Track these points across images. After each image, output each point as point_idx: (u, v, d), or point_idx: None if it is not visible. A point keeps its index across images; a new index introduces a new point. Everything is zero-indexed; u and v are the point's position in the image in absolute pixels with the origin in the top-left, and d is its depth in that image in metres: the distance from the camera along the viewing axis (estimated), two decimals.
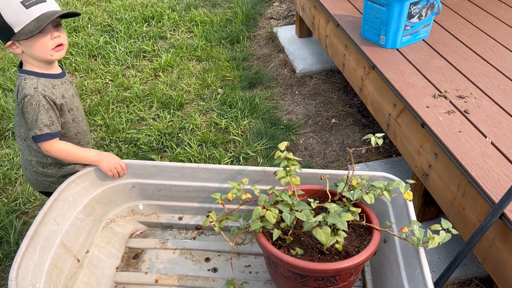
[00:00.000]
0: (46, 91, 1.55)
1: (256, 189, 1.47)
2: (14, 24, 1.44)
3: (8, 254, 2.23)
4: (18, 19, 1.44)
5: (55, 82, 1.61)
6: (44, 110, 1.54)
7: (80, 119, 1.72)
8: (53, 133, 1.57)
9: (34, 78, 1.56)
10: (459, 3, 3.08)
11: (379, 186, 1.40)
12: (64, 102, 1.62)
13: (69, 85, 1.68)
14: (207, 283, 1.62)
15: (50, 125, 1.56)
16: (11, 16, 1.43)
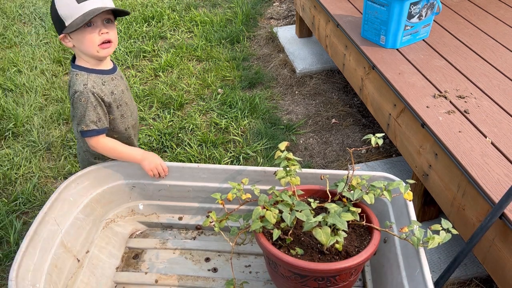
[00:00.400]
0: (95, 88, 1.58)
1: (256, 189, 1.47)
2: (66, 17, 1.48)
3: (8, 254, 2.23)
4: (70, 13, 1.47)
5: (105, 78, 1.63)
6: (92, 107, 1.57)
7: (128, 114, 1.74)
8: (99, 130, 1.61)
9: (84, 74, 1.58)
10: (459, 3, 3.08)
11: (379, 186, 1.40)
12: (112, 99, 1.64)
13: (119, 81, 1.70)
14: (207, 283, 1.62)
15: (97, 121, 1.59)
16: (63, 9, 1.47)
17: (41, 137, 3.03)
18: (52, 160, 2.86)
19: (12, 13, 4.67)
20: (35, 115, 3.23)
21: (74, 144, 2.95)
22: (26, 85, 3.53)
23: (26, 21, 4.57)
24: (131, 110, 1.77)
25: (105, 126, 1.63)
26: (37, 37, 4.25)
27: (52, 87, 3.54)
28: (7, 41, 4.17)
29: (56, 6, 1.48)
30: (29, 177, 2.71)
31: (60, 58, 3.89)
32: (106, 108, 1.63)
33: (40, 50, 4.03)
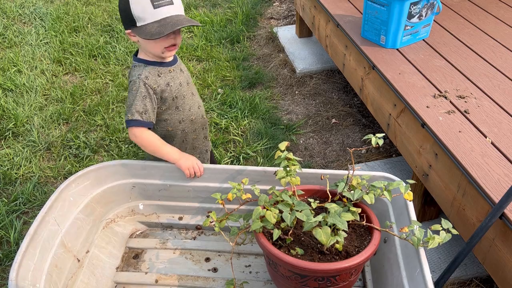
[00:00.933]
0: (149, 79, 1.59)
1: (256, 189, 1.47)
2: (138, 18, 1.49)
3: (8, 254, 2.23)
4: (143, 16, 1.48)
5: (162, 70, 1.64)
6: (141, 97, 1.58)
7: (186, 107, 1.74)
8: (142, 122, 1.59)
9: (142, 66, 1.61)
10: (459, 3, 3.08)
11: (379, 186, 1.40)
12: (168, 89, 1.65)
13: (178, 73, 1.71)
14: (207, 283, 1.62)
15: (142, 113, 1.59)
16: (137, 10, 1.48)
17: (41, 137, 3.03)
18: (52, 160, 2.87)
19: (12, 13, 4.67)
20: (35, 115, 3.23)
21: (74, 144, 2.96)
22: (26, 85, 3.53)
23: (26, 21, 4.57)
24: (190, 104, 1.76)
25: (150, 120, 1.62)
26: (37, 37, 4.25)
27: (52, 87, 3.54)
28: (7, 41, 4.17)
29: (130, 4, 1.48)
30: (29, 177, 2.71)
31: (60, 58, 3.89)
32: (159, 99, 1.64)
33: (40, 50, 4.03)
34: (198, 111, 1.82)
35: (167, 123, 1.73)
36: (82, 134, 3.03)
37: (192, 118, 1.79)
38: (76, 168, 2.74)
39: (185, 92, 1.73)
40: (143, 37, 1.50)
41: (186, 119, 1.77)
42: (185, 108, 1.74)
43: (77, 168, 2.74)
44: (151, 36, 1.48)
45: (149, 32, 1.49)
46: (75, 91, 3.45)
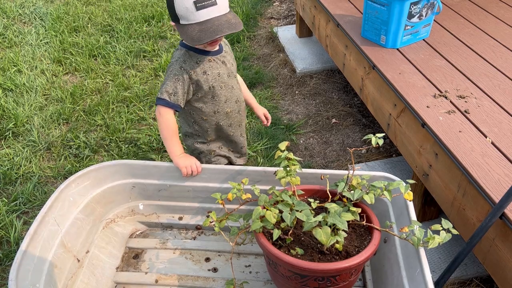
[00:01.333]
0: (186, 63, 1.64)
1: (256, 189, 1.47)
2: (181, 17, 1.52)
3: (8, 254, 2.23)
4: (186, 16, 1.51)
5: (201, 58, 1.67)
6: (174, 79, 1.63)
7: (222, 99, 1.75)
8: (169, 102, 1.64)
9: (183, 50, 1.66)
10: (459, 3, 3.08)
11: (379, 186, 1.40)
12: (204, 78, 1.67)
13: (218, 64, 1.71)
14: (207, 283, 1.62)
15: (171, 94, 1.63)
16: (181, 10, 1.50)
17: (41, 137, 3.03)
18: (52, 160, 2.86)
19: (12, 12, 4.67)
20: (35, 115, 3.23)
21: (74, 144, 2.96)
22: (26, 85, 3.53)
23: (26, 21, 4.57)
24: (227, 97, 1.77)
25: (178, 103, 1.65)
26: (37, 37, 4.25)
27: (52, 87, 3.54)
28: (7, 41, 4.17)
29: (175, 2, 1.50)
30: (29, 177, 2.71)
31: (60, 58, 3.89)
32: (195, 85, 1.67)
33: (40, 50, 4.03)
34: (235, 105, 1.82)
35: (202, 112, 1.76)
36: (82, 134, 3.03)
37: (227, 111, 1.80)
38: (76, 168, 2.74)
39: (223, 84, 1.74)
40: (184, 39, 1.55)
41: (221, 111, 1.78)
42: (220, 99, 1.75)
43: (77, 168, 2.74)
44: (191, 42, 1.53)
45: (189, 35, 1.52)
46: (75, 91, 3.44)
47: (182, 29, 1.54)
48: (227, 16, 1.54)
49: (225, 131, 1.85)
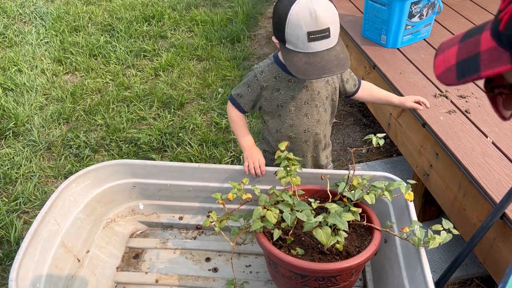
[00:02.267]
0: (262, 74, 1.62)
1: (256, 189, 1.47)
2: (289, 42, 1.42)
3: (9, 254, 2.23)
4: (295, 43, 1.40)
5: (282, 75, 1.60)
6: (247, 83, 1.65)
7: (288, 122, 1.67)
8: (235, 102, 1.70)
9: (271, 62, 1.63)
10: (460, 3, 3.07)
11: (380, 186, 1.39)
12: (274, 95, 1.63)
13: (298, 87, 1.61)
14: (208, 283, 1.62)
15: (239, 95, 1.68)
16: (291, 36, 1.40)
17: (41, 136, 3.03)
18: (52, 159, 2.86)
19: (13, 12, 4.67)
20: (35, 115, 3.23)
21: (74, 144, 2.96)
22: (27, 85, 3.53)
23: (27, 21, 4.57)
24: (295, 123, 1.68)
25: (242, 105, 1.68)
26: (38, 36, 4.25)
27: (52, 86, 3.54)
28: (8, 41, 4.17)
29: (286, 25, 1.39)
30: (30, 177, 2.71)
31: (61, 58, 3.89)
32: (264, 99, 1.65)
33: (40, 50, 4.03)
34: (302, 134, 1.71)
35: (267, 124, 1.74)
36: (83, 134, 3.03)
37: (291, 136, 1.72)
38: (77, 168, 2.74)
39: (294, 108, 1.65)
40: (287, 64, 1.45)
41: (284, 133, 1.71)
42: (285, 122, 1.68)
43: (78, 168, 2.74)
44: (295, 72, 1.43)
45: (294, 64, 1.42)
46: (75, 91, 3.44)
47: (286, 53, 1.44)
48: (336, 50, 1.43)
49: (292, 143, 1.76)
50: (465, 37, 0.58)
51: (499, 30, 0.50)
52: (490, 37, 0.52)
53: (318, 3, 1.36)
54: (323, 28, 1.37)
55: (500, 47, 0.50)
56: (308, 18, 1.35)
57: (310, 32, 1.36)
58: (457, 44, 0.58)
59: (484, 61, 0.51)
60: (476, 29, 0.56)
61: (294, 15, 1.36)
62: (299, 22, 1.36)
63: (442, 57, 0.59)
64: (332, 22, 1.38)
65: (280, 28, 1.42)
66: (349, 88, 1.74)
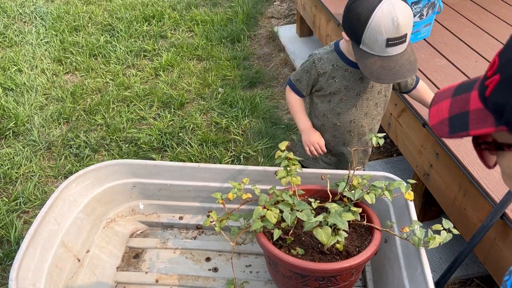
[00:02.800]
0: (321, 62, 1.65)
1: (256, 189, 1.47)
2: (365, 44, 1.43)
3: (9, 254, 2.23)
4: (371, 46, 1.42)
5: (339, 64, 1.63)
6: (306, 69, 1.70)
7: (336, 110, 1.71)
8: (293, 86, 1.76)
9: (331, 50, 1.65)
10: (460, 3, 3.07)
11: (380, 186, 1.39)
12: (329, 82, 1.66)
13: (353, 78, 1.63)
14: (208, 283, 1.62)
15: (297, 80, 1.74)
16: (369, 39, 1.41)
17: (41, 136, 3.03)
18: (52, 159, 2.86)
19: (13, 12, 4.67)
20: (35, 114, 3.23)
21: (74, 144, 2.95)
22: (27, 84, 3.53)
23: (27, 20, 4.57)
24: (343, 111, 1.70)
25: (300, 90, 1.74)
26: (38, 36, 4.24)
27: (52, 86, 3.54)
28: (8, 40, 4.17)
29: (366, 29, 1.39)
30: (30, 177, 2.71)
31: (61, 57, 3.89)
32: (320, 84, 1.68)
33: (40, 49, 4.03)
34: (347, 124, 1.74)
35: (316, 107, 1.78)
36: (83, 134, 3.03)
37: (336, 123, 1.74)
38: (77, 168, 2.74)
39: (345, 97, 1.67)
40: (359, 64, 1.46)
41: (330, 119, 1.75)
42: (334, 109, 1.71)
43: (78, 168, 2.74)
44: (369, 76, 1.45)
45: (368, 66, 1.43)
46: (75, 91, 3.44)
47: (360, 53, 1.45)
48: (407, 52, 1.46)
49: (327, 137, 1.80)
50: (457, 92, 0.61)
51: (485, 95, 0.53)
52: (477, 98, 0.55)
53: (400, 10, 1.36)
54: (402, 35, 1.38)
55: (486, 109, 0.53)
56: (390, 25, 1.36)
57: (389, 39, 1.38)
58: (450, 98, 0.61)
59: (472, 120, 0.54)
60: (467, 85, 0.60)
61: (376, 20, 1.36)
62: (380, 28, 1.37)
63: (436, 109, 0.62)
64: (410, 28, 1.41)
65: (357, 30, 1.42)
66: (405, 86, 1.76)
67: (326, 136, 1.80)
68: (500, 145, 0.53)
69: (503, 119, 0.50)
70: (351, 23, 1.44)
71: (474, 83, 0.59)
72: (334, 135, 1.79)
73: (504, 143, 0.52)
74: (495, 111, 0.51)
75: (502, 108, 0.50)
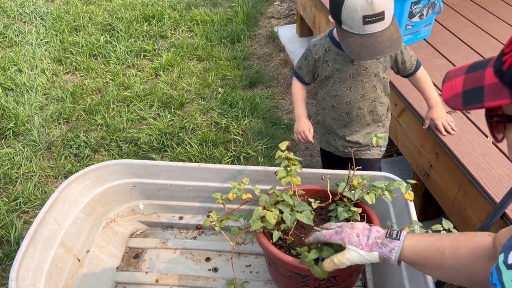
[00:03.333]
0: (315, 47, 1.77)
1: (256, 189, 1.47)
2: (344, 23, 1.52)
3: (9, 254, 2.23)
4: (350, 25, 1.50)
5: (332, 48, 1.74)
6: (304, 56, 1.82)
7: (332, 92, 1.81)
8: (297, 74, 1.88)
9: (325, 37, 1.76)
10: (460, 2, 3.07)
11: (380, 186, 1.39)
12: (323, 66, 1.77)
13: (344, 60, 1.72)
14: (208, 283, 1.62)
15: (299, 68, 1.86)
16: (347, 18, 1.49)
17: (41, 136, 3.03)
18: (52, 159, 2.86)
19: (13, 12, 4.67)
20: (35, 114, 3.23)
21: (74, 144, 2.95)
22: (27, 84, 3.53)
23: (27, 20, 4.57)
24: (339, 93, 1.80)
25: (303, 76, 1.85)
26: (38, 36, 4.24)
27: (52, 86, 3.54)
28: (8, 40, 4.17)
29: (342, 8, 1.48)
30: (30, 177, 2.71)
31: (61, 57, 3.89)
32: (318, 67, 1.79)
33: (40, 49, 4.03)
34: (344, 106, 1.82)
35: (317, 92, 1.92)
36: (83, 134, 3.03)
37: (334, 105, 1.84)
38: (77, 168, 2.74)
39: (339, 80, 1.77)
40: (342, 44, 1.55)
41: (328, 101, 1.85)
42: (330, 92, 1.81)
43: (78, 168, 2.74)
44: (349, 53, 1.53)
45: (349, 45, 1.52)
46: (75, 91, 3.44)
47: (342, 33, 1.54)
48: (390, 30, 1.52)
49: (328, 121, 1.92)
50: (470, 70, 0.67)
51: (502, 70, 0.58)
52: (493, 74, 0.60)
53: None
54: (378, 12, 1.44)
55: (501, 83, 0.58)
56: (363, 3, 1.44)
57: (365, 16, 1.44)
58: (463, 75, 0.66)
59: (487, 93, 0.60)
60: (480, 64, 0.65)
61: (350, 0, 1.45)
62: (355, 7, 1.45)
63: (450, 84, 0.68)
64: (387, 6, 1.46)
65: (336, 10, 1.51)
66: (404, 70, 1.81)
67: (327, 119, 1.91)
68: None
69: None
70: (332, 5, 1.55)
71: (488, 62, 0.64)
72: (334, 117, 1.88)
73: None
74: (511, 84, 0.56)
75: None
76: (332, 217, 1.42)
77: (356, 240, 1.05)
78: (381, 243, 1.02)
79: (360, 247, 1.03)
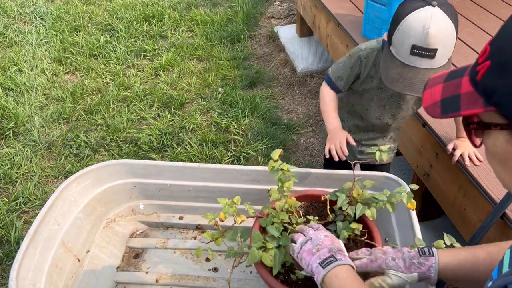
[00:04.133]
0: (367, 59, 1.59)
1: (250, 208, 1.37)
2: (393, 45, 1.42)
3: (9, 254, 2.23)
4: (397, 49, 1.40)
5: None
6: (347, 65, 1.63)
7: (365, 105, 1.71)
8: (331, 82, 1.69)
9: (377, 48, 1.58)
10: (460, 3, 3.07)
11: (381, 199, 1.34)
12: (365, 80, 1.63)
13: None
14: (208, 283, 1.62)
15: (337, 77, 1.66)
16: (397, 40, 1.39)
17: (41, 136, 3.03)
18: (52, 159, 2.86)
19: (13, 12, 4.67)
20: (35, 115, 3.23)
21: (74, 144, 2.95)
22: (27, 84, 3.53)
23: (27, 20, 4.57)
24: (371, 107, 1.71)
25: (337, 86, 1.68)
26: (38, 36, 4.25)
27: (52, 86, 3.54)
28: (8, 40, 4.17)
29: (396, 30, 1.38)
30: (30, 177, 2.71)
31: (61, 58, 3.89)
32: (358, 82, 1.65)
33: (40, 49, 4.03)
34: (373, 119, 1.76)
35: (348, 95, 1.75)
36: (83, 134, 3.03)
37: (362, 117, 1.76)
38: (77, 168, 2.74)
39: (377, 97, 1.67)
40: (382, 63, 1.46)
41: (357, 111, 1.75)
42: (364, 105, 1.72)
43: (78, 168, 2.74)
44: (384, 76, 1.43)
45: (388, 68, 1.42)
46: (75, 91, 3.45)
47: (386, 53, 1.45)
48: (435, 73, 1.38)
49: (348, 123, 1.83)
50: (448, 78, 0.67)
51: (476, 79, 0.60)
52: (469, 82, 0.61)
53: (436, 21, 1.31)
54: (430, 48, 1.34)
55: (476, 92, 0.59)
56: (419, 31, 1.32)
57: (415, 46, 1.34)
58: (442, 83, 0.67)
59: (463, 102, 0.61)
60: (458, 72, 0.66)
61: (408, 22, 1.34)
62: (409, 32, 1.34)
63: (430, 92, 0.68)
64: (443, 45, 1.36)
65: (391, 28, 1.41)
66: None
67: (348, 122, 1.83)
68: (488, 124, 0.58)
69: (492, 100, 0.56)
70: (392, 21, 1.44)
71: (465, 70, 0.65)
72: (356, 124, 1.81)
73: (491, 123, 0.58)
74: (485, 93, 0.57)
75: (491, 91, 0.56)
76: (332, 231, 1.37)
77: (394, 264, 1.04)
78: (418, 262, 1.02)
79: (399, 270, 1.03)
